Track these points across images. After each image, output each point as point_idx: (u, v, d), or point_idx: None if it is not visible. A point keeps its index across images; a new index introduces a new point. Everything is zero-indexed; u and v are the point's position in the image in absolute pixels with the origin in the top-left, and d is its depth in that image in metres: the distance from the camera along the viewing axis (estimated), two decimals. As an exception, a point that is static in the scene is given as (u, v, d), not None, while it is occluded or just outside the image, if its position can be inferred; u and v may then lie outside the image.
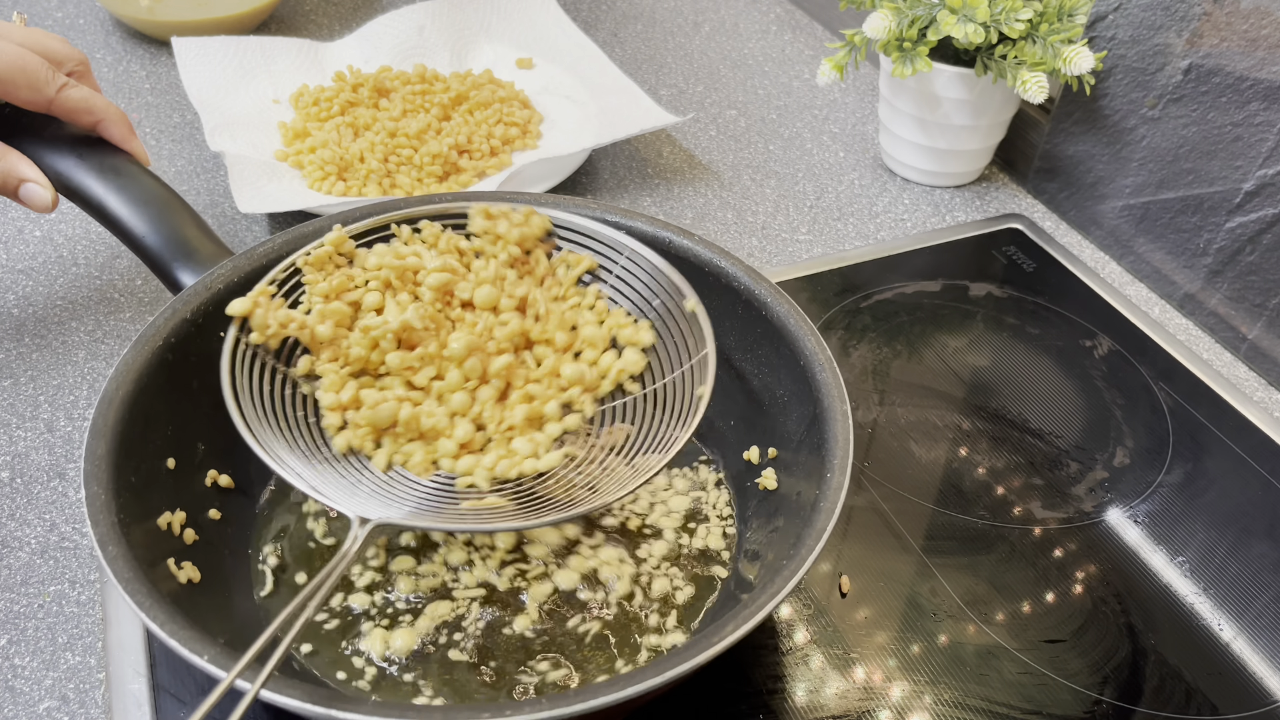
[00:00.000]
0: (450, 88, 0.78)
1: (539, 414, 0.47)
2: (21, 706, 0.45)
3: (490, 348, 0.48)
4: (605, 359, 0.49)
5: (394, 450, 0.46)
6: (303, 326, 0.47)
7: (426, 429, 0.46)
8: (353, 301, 0.48)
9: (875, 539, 0.53)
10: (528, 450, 0.46)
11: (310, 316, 0.47)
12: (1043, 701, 0.46)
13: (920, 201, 0.77)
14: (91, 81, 0.58)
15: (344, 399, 0.46)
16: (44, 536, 0.52)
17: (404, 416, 0.46)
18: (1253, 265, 0.63)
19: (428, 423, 0.46)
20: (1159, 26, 0.65)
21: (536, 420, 0.47)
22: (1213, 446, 0.59)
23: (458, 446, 0.46)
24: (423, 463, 0.46)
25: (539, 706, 0.34)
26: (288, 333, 0.47)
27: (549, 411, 0.47)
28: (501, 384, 0.48)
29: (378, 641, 0.45)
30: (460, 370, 0.47)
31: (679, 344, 0.48)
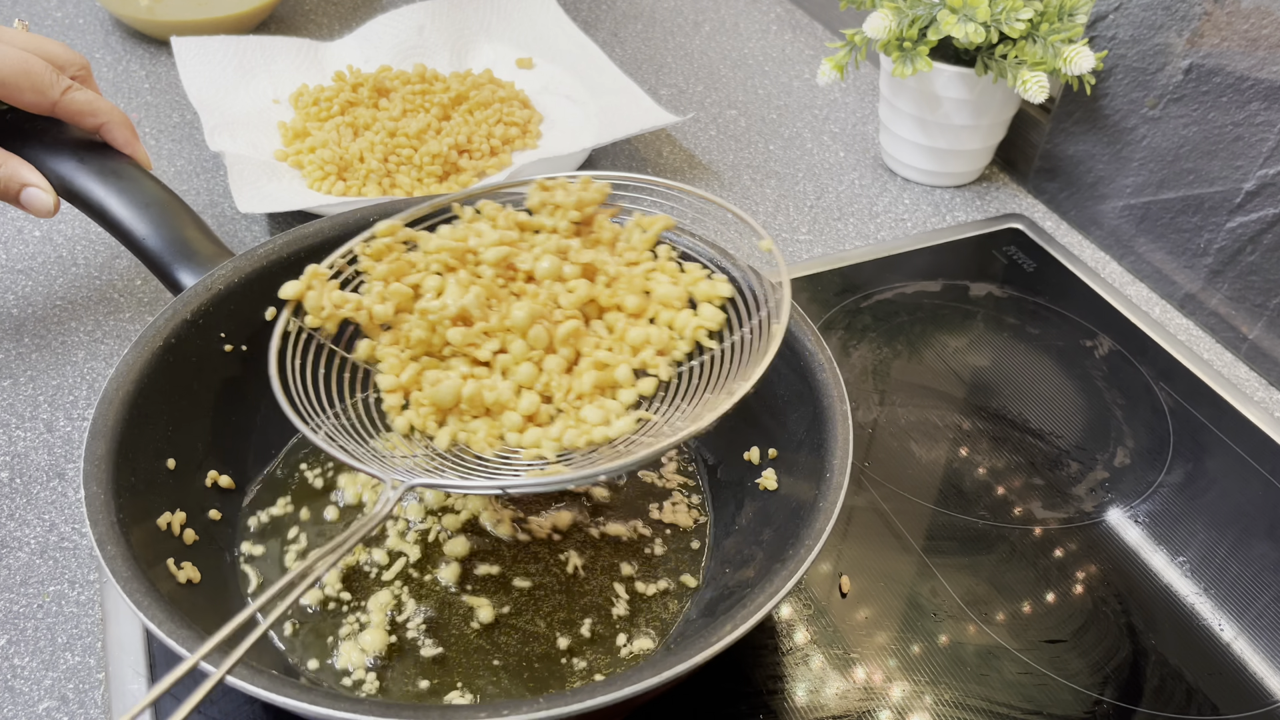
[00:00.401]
0: (450, 87, 0.78)
1: (609, 380, 0.45)
2: (21, 706, 0.45)
3: (556, 316, 0.46)
4: (681, 318, 0.47)
5: (458, 428, 0.45)
6: (359, 308, 0.46)
7: (491, 403, 0.45)
8: (413, 284, 0.47)
9: (875, 539, 0.53)
10: (597, 418, 0.44)
11: (368, 298, 0.46)
12: (1043, 702, 0.46)
13: (920, 201, 0.77)
14: (93, 85, 0.58)
15: (404, 380, 0.45)
16: (43, 537, 0.52)
17: (467, 392, 0.44)
18: (1253, 265, 0.63)
19: (490, 396, 0.44)
20: (1159, 26, 0.65)
21: (608, 387, 0.46)
22: (1213, 446, 0.59)
23: (523, 419, 0.44)
24: (487, 438, 0.44)
25: (538, 707, 0.34)
26: (343, 314, 0.46)
27: (620, 376, 0.45)
28: (570, 353, 0.46)
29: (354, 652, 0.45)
30: (525, 341, 0.45)
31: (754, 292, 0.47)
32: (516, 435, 0.44)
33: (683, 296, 0.47)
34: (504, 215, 0.49)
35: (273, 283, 0.49)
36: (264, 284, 0.49)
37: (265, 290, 0.49)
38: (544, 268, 0.47)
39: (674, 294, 0.47)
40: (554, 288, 0.47)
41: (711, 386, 0.45)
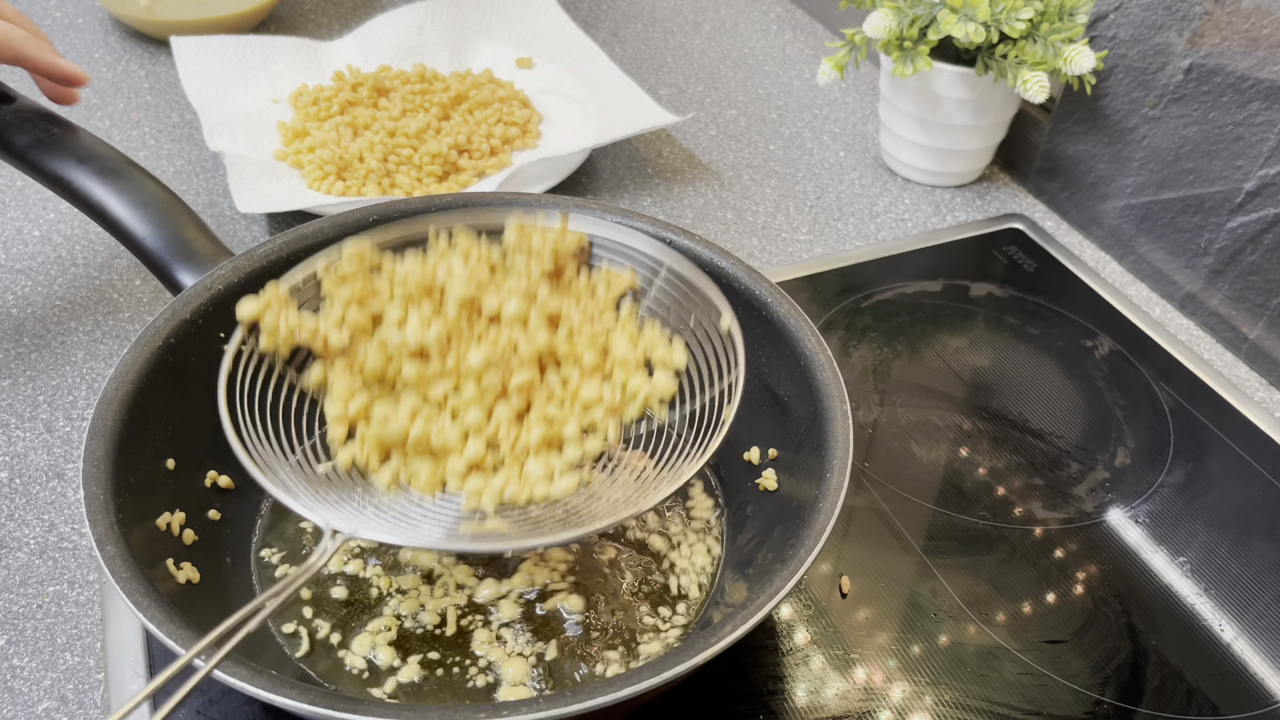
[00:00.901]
0: (450, 87, 0.78)
1: (556, 436, 0.45)
2: (20, 707, 0.45)
3: (513, 364, 0.45)
4: (634, 381, 0.46)
5: (400, 467, 0.44)
6: (315, 333, 0.45)
7: (437, 446, 0.44)
8: (374, 313, 0.46)
9: (876, 539, 0.53)
10: (540, 473, 0.44)
11: (325, 324, 0.45)
12: (1043, 702, 0.46)
13: (921, 201, 0.77)
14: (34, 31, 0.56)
15: (352, 411, 0.44)
16: (43, 537, 0.52)
17: (415, 433, 0.44)
18: (1254, 265, 0.63)
19: (438, 440, 0.44)
20: (1160, 26, 0.65)
21: (554, 442, 0.45)
22: (1214, 447, 0.59)
23: (467, 466, 0.44)
24: (429, 481, 0.44)
25: (537, 707, 0.34)
26: (299, 340, 0.45)
27: (567, 434, 0.45)
28: (521, 402, 0.45)
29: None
30: (478, 386, 0.44)
31: (710, 364, 0.46)
32: (458, 481, 0.44)
33: (639, 359, 0.47)
34: (477, 251, 0.48)
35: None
36: (263, 284, 0.49)
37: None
38: (510, 312, 0.46)
39: (630, 356, 0.46)
40: (515, 331, 0.46)
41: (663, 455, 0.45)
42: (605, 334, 0.47)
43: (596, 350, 0.46)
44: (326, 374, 0.46)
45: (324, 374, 0.46)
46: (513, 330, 0.46)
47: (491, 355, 0.44)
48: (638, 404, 0.46)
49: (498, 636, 0.45)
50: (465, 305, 0.46)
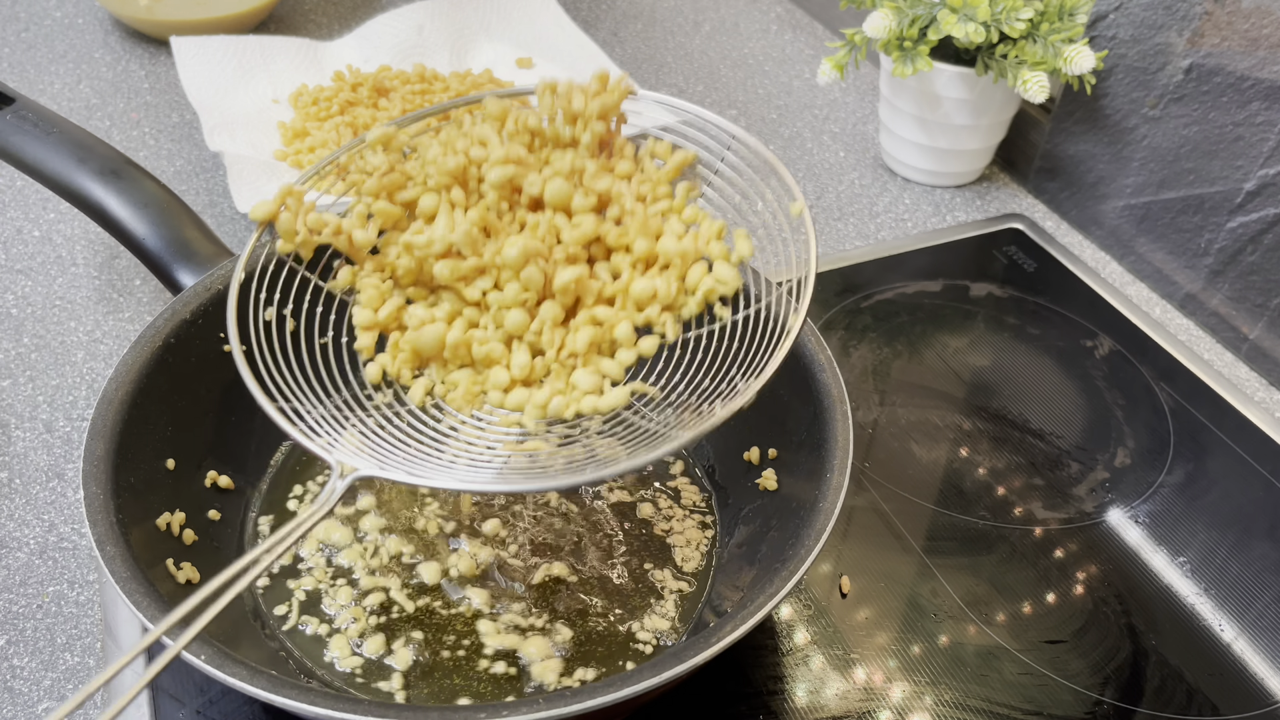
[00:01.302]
0: (450, 87, 0.78)
1: (608, 338, 0.40)
2: (20, 707, 0.45)
3: (557, 254, 0.40)
4: (693, 273, 0.40)
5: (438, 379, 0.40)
6: (339, 232, 0.41)
7: (479, 356, 0.39)
8: (406, 201, 0.41)
9: (876, 539, 0.53)
10: (590, 384, 0.39)
11: (347, 220, 0.41)
12: (1043, 702, 0.46)
13: (921, 201, 0.77)
14: None
15: (382, 316, 0.40)
16: (43, 537, 0.52)
17: (452, 340, 0.39)
18: (1254, 265, 0.63)
19: (480, 351, 0.39)
20: (1160, 26, 0.65)
21: (604, 346, 0.40)
22: (1214, 447, 0.59)
23: (510, 378, 0.39)
24: (466, 394, 0.39)
25: (537, 707, 0.34)
26: (321, 239, 0.41)
27: (620, 335, 0.39)
28: (567, 300, 0.40)
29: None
30: (519, 282, 0.39)
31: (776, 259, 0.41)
32: (500, 395, 0.39)
33: (696, 249, 0.41)
34: (514, 118, 0.42)
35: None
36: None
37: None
38: (553, 190, 0.40)
39: (688, 247, 0.41)
40: (557, 218, 0.41)
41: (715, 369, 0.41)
42: (660, 218, 0.41)
43: (649, 237, 0.40)
44: (354, 276, 0.41)
45: (352, 276, 0.41)
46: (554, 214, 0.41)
47: (529, 247, 0.39)
48: (698, 299, 0.40)
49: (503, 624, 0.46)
50: (504, 189, 0.41)
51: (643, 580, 0.48)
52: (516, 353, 0.40)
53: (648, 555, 0.49)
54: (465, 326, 0.40)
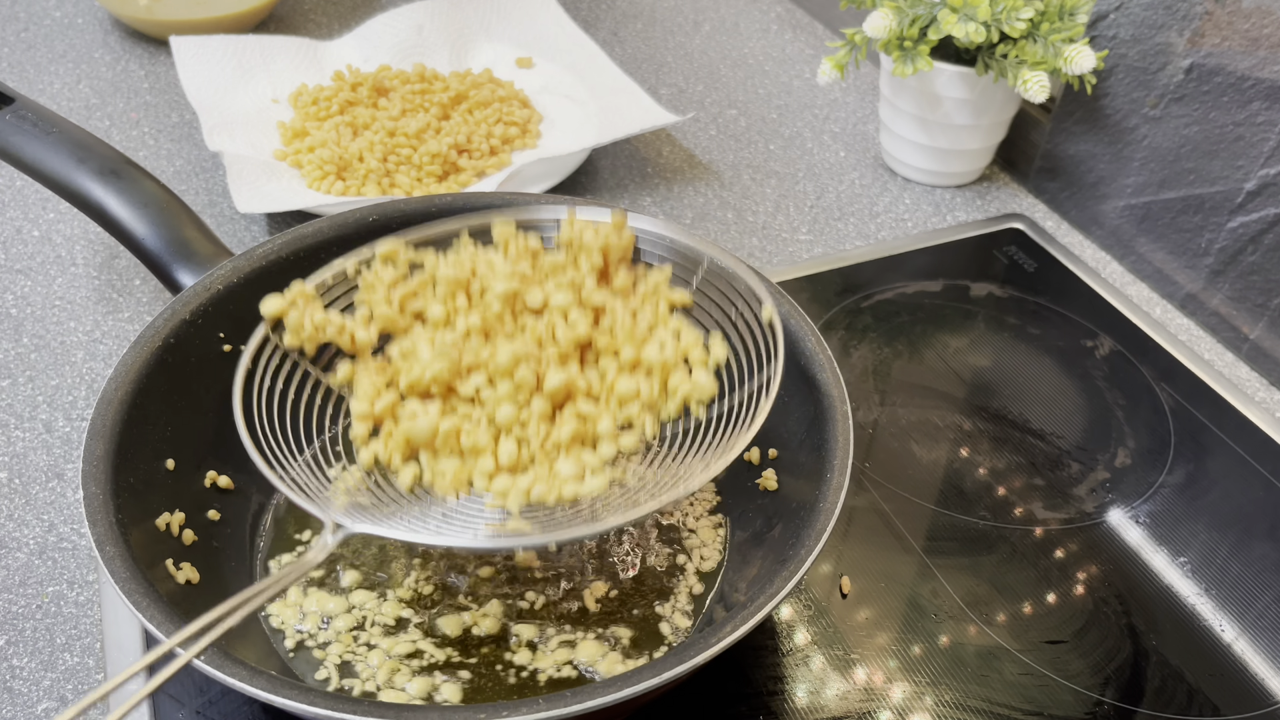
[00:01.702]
0: (449, 87, 0.78)
1: (590, 432, 0.43)
2: (20, 708, 0.45)
3: (548, 358, 0.43)
4: (674, 377, 0.44)
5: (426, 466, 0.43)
6: (342, 330, 0.44)
7: (466, 446, 0.42)
8: (417, 312, 0.45)
9: (876, 540, 0.53)
10: (571, 473, 0.42)
11: (353, 321, 0.44)
12: (1044, 703, 0.46)
13: (921, 201, 0.77)
14: None
15: (378, 409, 0.43)
16: (42, 537, 0.52)
17: (444, 429, 0.42)
18: (1254, 265, 0.63)
19: (468, 440, 0.42)
20: (1160, 26, 0.65)
21: (587, 439, 0.43)
22: (1214, 447, 0.59)
23: (497, 466, 0.42)
24: (454, 481, 0.42)
25: (537, 707, 0.34)
26: (325, 337, 0.44)
27: (601, 430, 0.43)
28: (556, 398, 0.43)
29: None
30: (511, 383, 0.43)
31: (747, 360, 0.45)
32: (484, 481, 0.42)
33: (679, 356, 0.45)
34: (516, 242, 0.46)
35: (272, 283, 0.49)
36: (263, 284, 0.49)
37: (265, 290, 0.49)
38: (557, 301, 0.44)
39: (670, 355, 0.44)
40: (554, 321, 0.44)
41: (692, 453, 0.44)
42: (646, 329, 0.45)
43: (637, 345, 0.44)
44: (353, 371, 0.45)
45: (351, 371, 0.45)
46: (552, 320, 0.44)
47: (521, 351, 0.43)
48: (676, 401, 0.44)
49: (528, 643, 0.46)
50: (508, 300, 0.44)
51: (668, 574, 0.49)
52: (504, 443, 0.42)
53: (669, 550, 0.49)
54: (456, 419, 0.43)
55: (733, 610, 0.38)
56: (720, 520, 0.51)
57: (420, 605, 0.47)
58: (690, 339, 0.45)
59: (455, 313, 0.45)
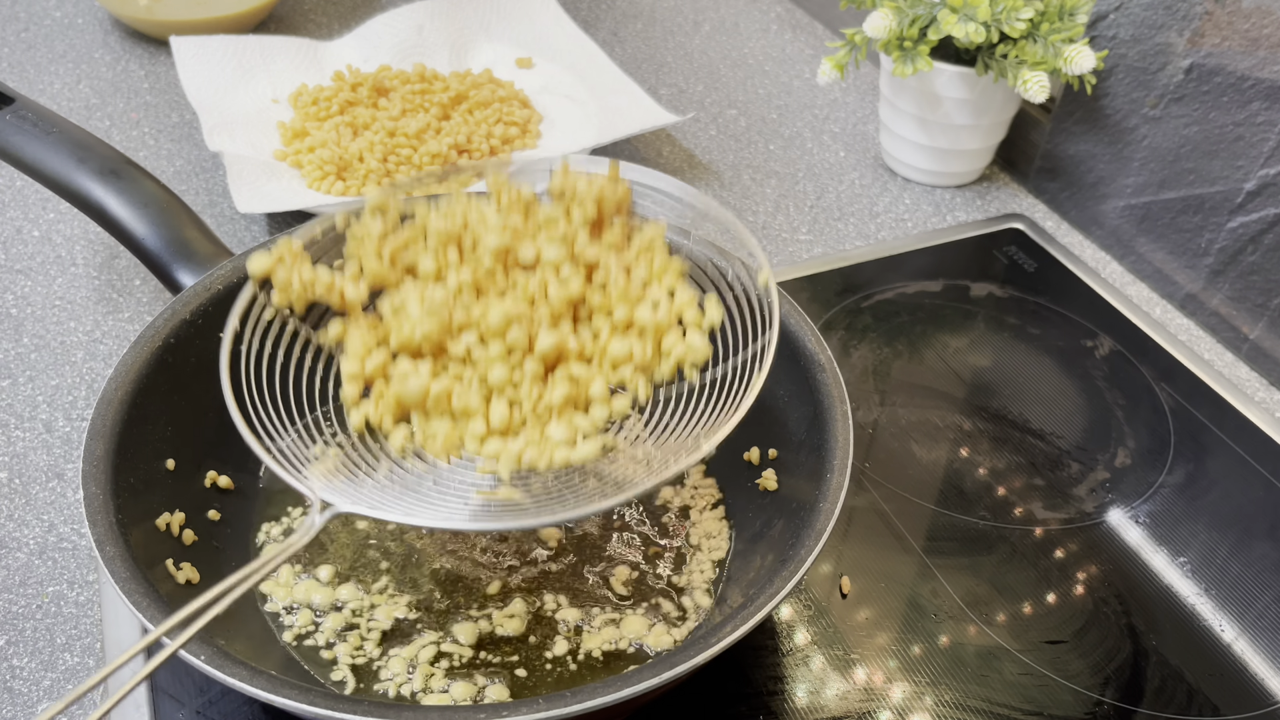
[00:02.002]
0: (450, 87, 0.78)
1: (583, 395, 0.42)
2: (20, 708, 0.45)
3: (541, 312, 0.42)
4: (668, 339, 0.43)
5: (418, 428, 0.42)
6: (331, 288, 0.43)
7: (458, 408, 0.41)
8: (408, 266, 0.44)
9: (876, 540, 0.53)
10: (563, 437, 0.41)
11: (342, 278, 0.43)
12: (1044, 703, 0.46)
13: (921, 201, 0.77)
14: None
15: (369, 369, 0.42)
16: (42, 537, 0.52)
17: (435, 391, 0.41)
18: (1254, 265, 0.63)
19: (459, 402, 0.41)
20: (1160, 26, 0.65)
21: (579, 402, 0.42)
22: (1214, 447, 0.59)
23: (488, 428, 0.41)
24: (446, 444, 0.41)
25: (537, 707, 0.34)
26: (314, 296, 0.43)
27: (594, 392, 0.42)
28: (548, 358, 0.42)
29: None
30: (502, 343, 0.42)
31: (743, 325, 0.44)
32: (476, 444, 0.41)
33: (674, 316, 0.44)
34: (510, 193, 0.45)
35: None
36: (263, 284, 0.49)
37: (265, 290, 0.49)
38: (548, 257, 0.43)
39: (664, 315, 0.43)
40: (547, 277, 0.43)
41: (684, 422, 0.43)
42: (640, 287, 0.44)
43: (630, 304, 0.43)
44: (344, 330, 0.43)
45: (342, 330, 0.43)
46: (545, 277, 0.43)
47: (512, 311, 0.42)
48: (670, 363, 0.43)
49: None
50: (500, 255, 0.43)
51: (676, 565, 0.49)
52: (495, 405, 0.41)
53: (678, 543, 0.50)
54: (448, 379, 0.42)
55: (733, 610, 0.38)
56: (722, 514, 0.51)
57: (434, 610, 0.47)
58: (685, 299, 0.43)
59: (446, 266, 0.43)
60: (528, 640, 0.46)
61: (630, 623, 0.46)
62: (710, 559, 0.49)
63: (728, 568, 0.49)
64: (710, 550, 0.50)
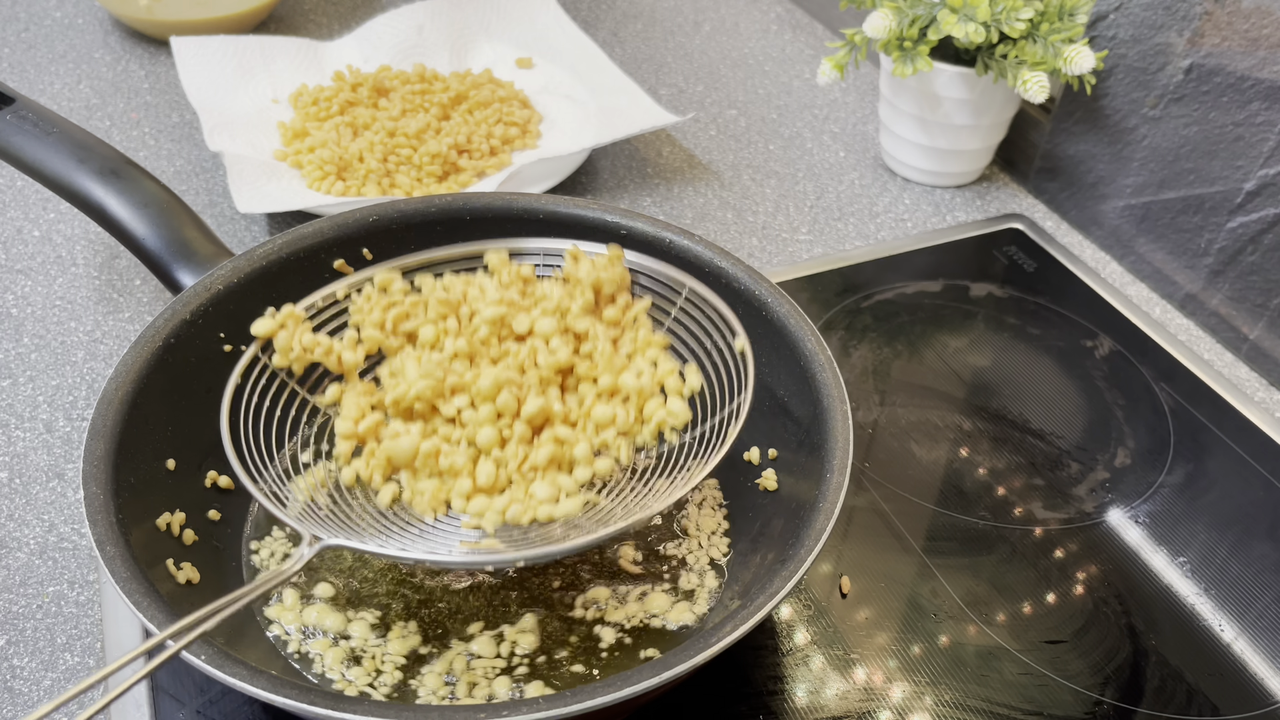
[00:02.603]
0: (450, 87, 0.78)
1: (567, 456, 0.44)
2: (20, 708, 0.45)
3: (530, 378, 0.45)
4: (649, 406, 0.46)
5: (406, 486, 0.44)
6: (330, 352, 0.46)
7: (445, 467, 0.44)
8: (407, 333, 0.47)
9: (876, 540, 0.53)
10: (546, 495, 0.43)
11: (340, 343, 0.46)
12: (1044, 702, 0.46)
13: (921, 201, 0.77)
14: None
15: (361, 429, 0.45)
16: (43, 537, 0.52)
17: (424, 451, 0.44)
18: (1254, 265, 0.63)
19: (445, 462, 0.44)
20: (1160, 26, 0.65)
21: (563, 463, 0.45)
22: (1214, 447, 0.59)
23: (475, 487, 0.44)
24: (433, 501, 0.44)
25: (537, 707, 0.34)
26: (312, 358, 0.46)
27: (578, 454, 0.44)
28: (536, 422, 0.45)
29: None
30: (492, 405, 0.44)
31: (720, 388, 0.47)
32: (462, 502, 0.43)
33: (656, 383, 0.46)
34: (509, 270, 0.48)
35: (272, 283, 0.49)
36: (264, 284, 0.49)
37: (265, 290, 0.49)
38: (542, 328, 0.46)
39: (647, 383, 0.46)
40: (536, 345, 0.46)
41: (665, 475, 0.46)
42: (625, 357, 0.47)
43: (615, 373, 0.46)
44: (340, 393, 0.46)
45: (339, 393, 0.46)
46: (535, 346, 0.46)
47: (502, 377, 0.44)
48: (651, 428, 0.45)
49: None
50: (495, 325, 0.46)
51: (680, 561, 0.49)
52: (482, 465, 0.44)
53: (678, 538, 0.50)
54: (437, 440, 0.44)
55: (733, 610, 0.38)
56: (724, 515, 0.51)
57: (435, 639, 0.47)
58: (667, 368, 0.46)
59: (445, 334, 0.46)
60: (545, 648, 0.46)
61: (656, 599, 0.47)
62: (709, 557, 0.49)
63: (728, 568, 0.49)
64: (710, 549, 0.50)
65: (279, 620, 0.45)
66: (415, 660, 0.45)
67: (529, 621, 0.46)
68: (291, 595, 0.46)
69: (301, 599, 0.46)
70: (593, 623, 0.46)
